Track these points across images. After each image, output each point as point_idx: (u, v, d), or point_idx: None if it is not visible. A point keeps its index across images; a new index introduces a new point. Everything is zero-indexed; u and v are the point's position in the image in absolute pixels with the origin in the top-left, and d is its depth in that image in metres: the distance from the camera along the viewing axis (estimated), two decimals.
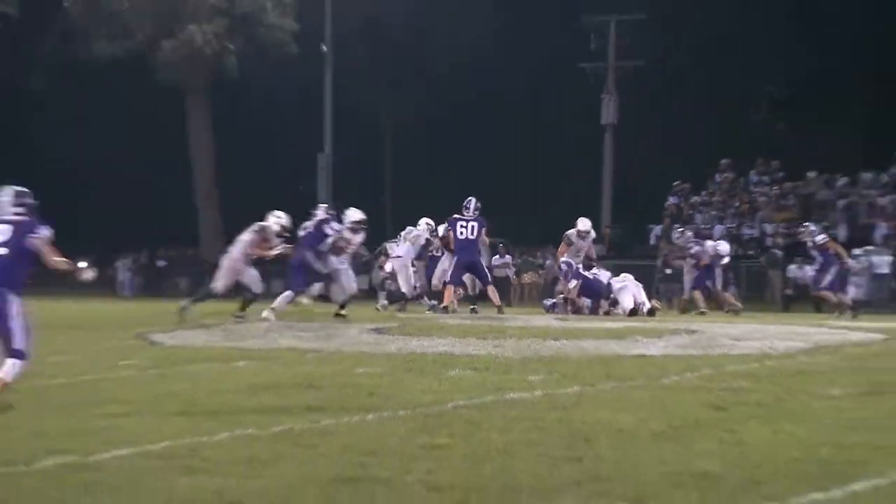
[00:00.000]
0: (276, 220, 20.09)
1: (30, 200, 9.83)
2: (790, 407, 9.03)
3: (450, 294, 22.27)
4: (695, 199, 41.28)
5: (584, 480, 6.26)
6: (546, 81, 47.81)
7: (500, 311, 22.00)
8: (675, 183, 42.19)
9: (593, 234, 24.13)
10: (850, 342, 15.02)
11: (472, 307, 22.75)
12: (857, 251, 31.01)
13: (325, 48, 39.89)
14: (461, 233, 22.24)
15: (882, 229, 34.73)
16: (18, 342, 9.31)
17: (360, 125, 48.10)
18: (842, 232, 36.24)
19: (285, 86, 44.01)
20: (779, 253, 33.61)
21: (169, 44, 42.64)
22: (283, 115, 46.07)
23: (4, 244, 9.45)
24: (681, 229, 30.25)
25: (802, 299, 30.26)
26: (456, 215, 22.59)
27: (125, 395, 9.80)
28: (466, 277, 23.46)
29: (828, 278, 23.88)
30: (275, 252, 19.87)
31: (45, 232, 9.67)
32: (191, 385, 10.50)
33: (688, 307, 25.65)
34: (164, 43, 42.71)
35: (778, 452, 7.03)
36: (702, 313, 23.74)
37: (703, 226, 38.65)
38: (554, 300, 24.35)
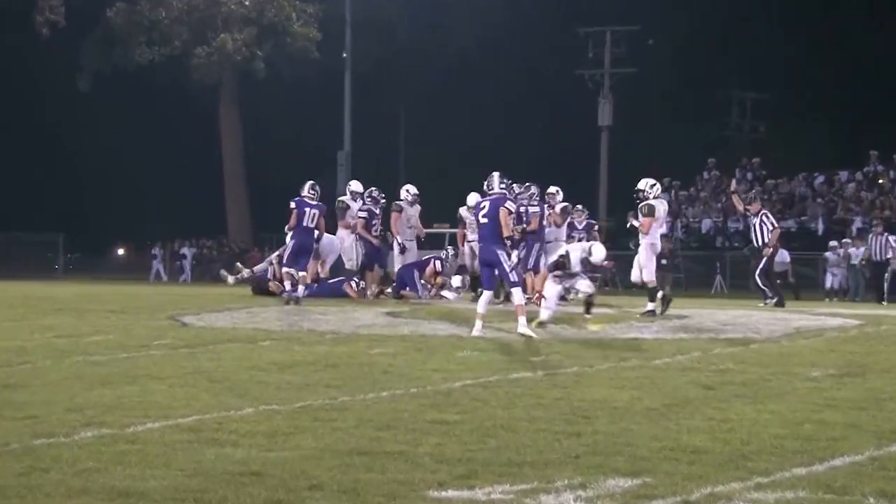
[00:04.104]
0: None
1: None
2: (773, 387, 8.94)
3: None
4: (683, 194, 41.18)
5: (582, 454, 6.18)
6: (548, 85, 47.80)
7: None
8: (664, 179, 42.00)
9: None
10: (828, 327, 14.90)
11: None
12: (833, 243, 30.86)
13: (345, 55, 39.87)
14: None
15: (857, 223, 34.56)
16: None
17: (376, 124, 48.04)
18: (819, 225, 36.19)
19: (309, 88, 44.10)
20: None
21: (202, 50, 42.72)
22: (306, 116, 46.11)
23: None
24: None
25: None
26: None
27: (158, 372, 9.72)
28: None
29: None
30: None
31: None
32: (219, 363, 10.42)
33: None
34: (198, 49, 42.80)
35: (762, 429, 6.94)
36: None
37: (692, 220, 38.63)
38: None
